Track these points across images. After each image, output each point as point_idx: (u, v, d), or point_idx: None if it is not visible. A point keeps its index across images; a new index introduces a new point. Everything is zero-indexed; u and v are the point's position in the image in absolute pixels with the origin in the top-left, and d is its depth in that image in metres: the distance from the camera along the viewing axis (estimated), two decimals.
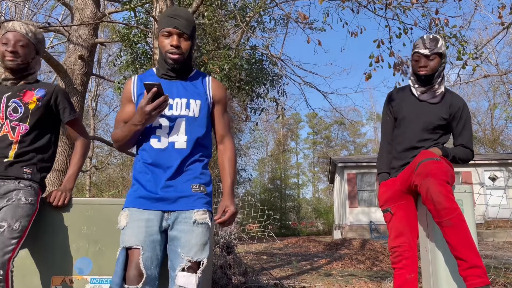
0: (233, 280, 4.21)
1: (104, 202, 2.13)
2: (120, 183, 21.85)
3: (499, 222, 14.11)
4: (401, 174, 2.36)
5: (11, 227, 1.79)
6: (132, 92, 1.82)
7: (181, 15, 1.72)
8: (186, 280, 1.57)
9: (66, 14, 12.02)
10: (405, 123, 2.42)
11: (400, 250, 2.27)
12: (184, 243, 1.61)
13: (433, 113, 2.36)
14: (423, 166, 2.06)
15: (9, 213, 1.82)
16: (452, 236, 1.86)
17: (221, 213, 1.72)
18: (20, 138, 1.97)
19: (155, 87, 1.59)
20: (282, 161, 36.15)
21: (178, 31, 1.71)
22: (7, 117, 1.98)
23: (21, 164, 1.96)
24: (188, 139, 1.73)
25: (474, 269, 1.80)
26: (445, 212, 1.86)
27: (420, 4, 5.75)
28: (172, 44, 1.71)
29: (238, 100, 10.17)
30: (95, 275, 2.01)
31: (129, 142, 1.77)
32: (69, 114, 2.10)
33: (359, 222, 16.88)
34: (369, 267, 8.27)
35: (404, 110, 2.43)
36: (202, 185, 1.73)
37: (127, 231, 1.64)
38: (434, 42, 2.29)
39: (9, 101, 2.00)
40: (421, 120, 2.37)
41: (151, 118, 1.65)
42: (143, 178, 1.72)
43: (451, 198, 1.89)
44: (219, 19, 8.17)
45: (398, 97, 2.50)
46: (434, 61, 2.30)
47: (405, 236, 2.27)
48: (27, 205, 1.88)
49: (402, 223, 2.30)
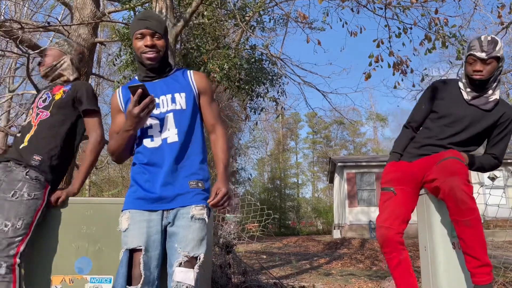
0: (233, 280, 4.22)
1: (103, 202, 2.13)
2: (120, 182, 21.84)
3: (499, 222, 14.12)
4: (419, 162, 2.27)
5: (15, 226, 1.85)
6: (119, 102, 1.84)
7: (152, 16, 1.77)
8: (184, 275, 1.57)
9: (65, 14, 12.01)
10: (446, 122, 2.26)
11: (390, 234, 2.15)
12: (181, 239, 1.62)
13: (481, 121, 2.21)
14: (449, 163, 2.03)
15: (12, 211, 1.86)
16: (469, 236, 1.92)
17: (214, 196, 1.68)
18: (38, 122, 2.09)
19: (140, 88, 1.61)
20: (281, 161, 36.16)
21: (151, 31, 1.74)
22: (38, 106, 2.16)
23: (32, 150, 2.02)
24: (179, 131, 1.74)
25: (484, 267, 1.91)
26: (467, 212, 1.91)
27: (419, 4, 5.75)
28: (147, 44, 1.73)
29: (238, 99, 10.17)
30: (94, 275, 2.01)
31: (125, 151, 1.77)
32: (86, 104, 2.16)
33: (358, 221, 16.88)
34: (369, 267, 8.28)
35: (450, 108, 2.26)
36: (200, 181, 1.74)
37: (129, 233, 1.64)
38: (493, 44, 2.09)
39: (43, 94, 2.23)
40: (465, 124, 2.22)
41: (141, 120, 1.66)
42: (140, 178, 1.73)
43: (474, 199, 1.93)
44: (219, 18, 8.16)
45: (446, 91, 2.32)
46: (491, 65, 2.10)
47: (398, 220, 2.18)
48: (30, 200, 1.92)
49: (400, 208, 2.22)
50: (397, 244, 2.14)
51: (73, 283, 1.99)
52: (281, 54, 10.00)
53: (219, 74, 7.17)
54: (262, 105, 9.51)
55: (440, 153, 2.21)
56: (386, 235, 2.14)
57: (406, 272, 2.15)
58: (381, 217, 2.21)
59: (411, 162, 2.30)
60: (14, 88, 12.91)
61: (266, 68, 9.14)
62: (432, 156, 2.23)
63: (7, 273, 1.76)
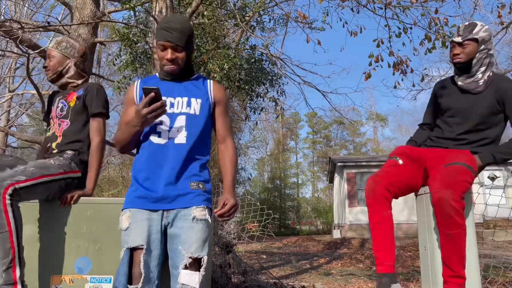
0: (233, 279, 4.22)
1: (103, 202, 2.13)
2: (120, 182, 21.84)
3: (498, 222, 14.11)
4: (431, 149, 2.29)
5: (26, 169, 1.98)
6: (134, 94, 1.86)
7: (175, 27, 1.73)
8: (189, 278, 1.58)
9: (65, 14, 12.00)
10: (448, 114, 2.30)
11: (377, 187, 2.15)
12: (184, 240, 1.62)
13: (478, 104, 2.20)
14: (453, 171, 2.02)
15: (33, 163, 2.05)
16: (449, 248, 1.98)
17: (221, 206, 1.73)
18: (62, 132, 2.23)
19: (153, 92, 1.61)
20: (281, 161, 36.15)
21: (172, 44, 1.74)
22: (57, 116, 2.28)
23: (63, 148, 2.20)
24: (188, 135, 1.75)
25: (458, 278, 1.99)
26: (452, 226, 1.94)
27: (419, 4, 5.75)
28: (167, 58, 1.75)
29: (238, 99, 10.17)
30: (94, 275, 2.01)
31: (130, 144, 1.79)
32: (93, 108, 2.25)
33: (358, 221, 16.88)
34: (369, 267, 8.28)
35: (449, 102, 2.32)
36: (200, 182, 1.75)
37: (130, 231, 1.64)
38: (470, 28, 2.17)
39: (59, 102, 2.31)
40: (465, 114, 2.23)
41: (147, 121, 1.67)
42: (141, 177, 1.73)
43: (461, 214, 1.93)
44: (219, 18, 8.16)
45: (444, 89, 2.39)
46: (469, 47, 2.17)
47: (391, 180, 2.16)
48: (53, 165, 2.07)
49: (400, 175, 2.21)
50: (383, 198, 2.12)
51: (73, 283, 1.99)
52: (281, 54, 10.01)
53: (219, 74, 7.17)
54: (262, 105, 9.52)
55: (454, 151, 2.20)
56: (373, 186, 2.15)
57: (387, 232, 2.10)
58: (375, 173, 2.23)
59: (424, 148, 2.35)
60: (14, 88, 12.91)
61: (266, 68, 9.14)
62: (447, 151, 2.23)
63: None
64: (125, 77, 8.09)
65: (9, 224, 1.84)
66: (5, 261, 1.81)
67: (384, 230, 2.12)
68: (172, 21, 1.75)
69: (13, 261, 1.82)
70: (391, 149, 36.60)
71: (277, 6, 7.92)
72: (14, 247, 1.84)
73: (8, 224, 1.84)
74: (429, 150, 2.32)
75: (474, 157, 2.16)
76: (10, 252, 1.82)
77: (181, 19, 1.79)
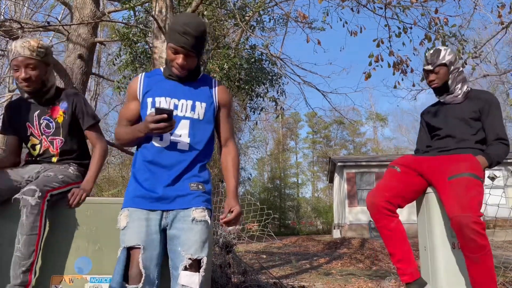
0: (233, 279, 4.22)
1: (103, 202, 2.13)
2: (120, 182, 21.83)
3: (498, 221, 14.12)
4: (430, 158, 2.31)
5: (56, 175, 2.07)
6: (138, 90, 1.82)
7: (191, 32, 1.65)
8: (189, 279, 1.57)
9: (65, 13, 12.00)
10: (438, 122, 2.42)
11: (375, 200, 2.18)
12: (184, 241, 1.62)
13: (461, 110, 2.36)
14: (460, 189, 1.99)
15: (56, 169, 2.14)
16: (478, 272, 1.93)
17: (227, 213, 1.73)
18: (59, 150, 2.23)
19: (166, 114, 1.60)
20: (281, 161, 36.15)
21: (185, 51, 1.69)
22: (42, 134, 2.21)
23: (68, 161, 2.25)
24: (191, 141, 1.74)
25: None
26: (476, 249, 1.90)
27: (419, 4, 5.74)
28: (178, 62, 1.71)
29: (238, 99, 10.17)
30: (94, 275, 2.01)
31: (131, 143, 1.80)
32: (86, 121, 2.27)
33: (358, 221, 16.88)
34: (369, 266, 8.28)
35: (435, 114, 2.48)
36: (200, 183, 1.74)
37: (127, 231, 1.64)
38: (436, 55, 2.35)
39: (40, 118, 2.21)
40: (452, 116, 2.37)
41: (152, 133, 1.68)
42: (141, 176, 1.73)
43: (484, 235, 1.91)
44: (219, 18, 8.16)
45: (428, 112, 2.57)
46: (440, 72, 2.35)
47: (390, 192, 2.19)
48: (72, 174, 2.17)
49: (398, 183, 2.24)
50: (385, 210, 2.16)
51: (73, 283, 1.99)
52: (281, 54, 9.99)
53: (219, 74, 7.17)
54: (262, 105, 9.52)
55: (454, 156, 2.22)
56: (372, 202, 2.21)
57: (401, 240, 2.15)
58: (375, 186, 2.29)
59: (423, 156, 2.38)
60: (13, 88, 12.91)
61: (266, 68, 9.14)
62: (447, 157, 2.24)
63: (37, 204, 1.88)
64: (125, 77, 8.08)
65: (40, 227, 1.90)
66: (26, 262, 1.84)
67: (397, 240, 2.16)
68: (188, 24, 1.65)
69: (32, 265, 1.86)
70: (391, 149, 36.68)
71: (277, 6, 7.91)
72: (37, 251, 1.88)
73: (40, 227, 1.89)
74: (428, 158, 2.33)
75: (476, 159, 2.15)
76: (32, 255, 1.86)
77: (198, 23, 1.69)
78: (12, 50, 2.07)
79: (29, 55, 2.06)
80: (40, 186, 1.92)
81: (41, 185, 1.92)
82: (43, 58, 2.12)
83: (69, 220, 2.05)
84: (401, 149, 35.51)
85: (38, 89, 2.16)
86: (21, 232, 1.85)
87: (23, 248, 1.83)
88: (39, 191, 1.89)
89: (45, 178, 2.00)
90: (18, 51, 2.05)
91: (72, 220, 2.06)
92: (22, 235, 1.84)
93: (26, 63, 2.07)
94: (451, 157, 2.25)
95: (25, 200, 1.86)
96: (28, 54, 2.06)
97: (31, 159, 2.25)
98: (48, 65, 2.19)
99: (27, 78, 2.08)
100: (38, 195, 1.88)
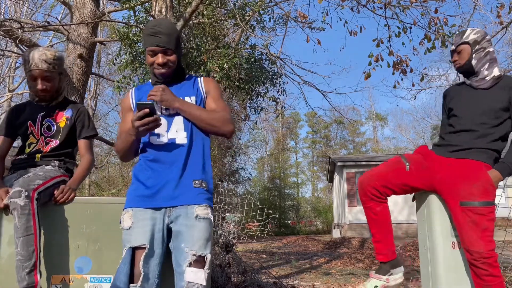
0: (233, 279, 4.22)
1: (103, 201, 2.14)
2: (120, 182, 21.85)
3: (498, 221, 14.14)
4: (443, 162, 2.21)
5: (36, 173, 2.07)
6: (131, 101, 1.89)
7: (162, 30, 1.73)
8: (195, 275, 1.58)
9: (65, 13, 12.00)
10: (459, 109, 2.29)
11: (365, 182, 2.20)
12: (187, 238, 1.63)
13: (488, 97, 2.20)
14: (471, 222, 1.99)
15: (37, 169, 2.15)
16: None
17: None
18: (49, 149, 2.25)
19: (147, 108, 1.62)
20: (281, 160, 36.16)
21: (162, 49, 1.74)
22: (42, 134, 2.27)
23: (49, 159, 2.24)
24: (188, 134, 1.77)
25: None
26: (489, 279, 1.95)
27: (419, 3, 5.74)
28: (158, 62, 1.76)
29: (238, 99, 10.17)
30: (94, 274, 2.01)
31: (130, 151, 1.81)
32: (84, 131, 2.34)
33: (358, 221, 16.89)
34: (368, 266, 8.29)
35: (457, 99, 2.33)
36: (204, 181, 1.75)
37: (133, 231, 1.65)
38: (460, 35, 2.27)
39: (43, 120, 2.28)
40: (475, 104, 2.22)
41: (140, 133, 1.68)
42: (143, 175, 1.74)
43: (496, 267, 1.97)
44: (219, 18, 8.16)
45: (452, 91, 2.43)
46: (463, 51, 2.24)
47: (385, 181, 2.18)
48: (51, 169, 2.16)
49: (399, 179, 2.20)
50: (371, 195, 2.19)
51: (73, 282, 1.99)
52: (281, 54, 10.00)
53: (219, 73, 7.17)
54: (262, 104, 9.51)
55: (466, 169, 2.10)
56: (361, 183, 2.24)
57: (383, 223, 2.21)
58: (371, 169, 2.29)
59: (438, 156, 2.27)
60: (14, 87, 12.91)
61: (266, 68, 9.13)
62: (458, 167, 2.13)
63: (26, 204, 1.88)
64: (125, 77, 8.08)
65: (35, 227, 1.89)
66: (28, 264, 1.83)
67: (380, 223, 2.22)
68: (157, 25, 1.75)
69: (35, 264, 1.85)
70: (391, 148, 36.65)
71: (277, 6, 7.91)
72: (37, 250, 1.87)
73: (34, 227, 1.89)
74: (440, 159, 2.24)
75: (489, 178, 2.06)
76: (33, 255, 1.85)
77: (166, 22, 1.79)
78: (29, 61, 2.13)
79: (46, 68, 2.15)
80: (24, 186, 1.92)
81: (25, 185, 1.92)
82: (59, 68, 2.23)
83: (69, 220, 2.06)
84: (401, 148, 35.51)
85: (51, 97, 2.29)
86: (17, 235, 1.84)
87: (22, 250, 1.83)
88: (24, 191, 1.89)
89: (26, 179, 2.00)
90: (36, 63, 2.12)
91: (72, 220, 2.06)
92: (18, 238, 1.84)
93: (44, 76, 2.17)
94: (462, 168, 2.12)
95: (14, 203, 1.86)
96: (45, 68, 2.15)
97: (20, 156, 2.26)
98: (62, 73, 2.29)
99: (44, 89, 2.19)
100: (25, 195, 1.88)
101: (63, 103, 2.36)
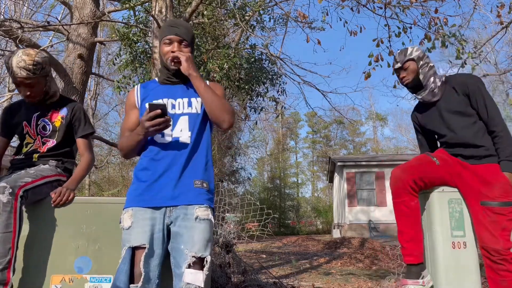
0: (233, 279, 4.22)
1: (103, 201, 2.13)
2: (120, 182, 21.86)
3: None
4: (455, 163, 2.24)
5: (27, 171, 2.08)
6: (135, 99, 1.88)
7: (181, 24, 1.84)
8: (194, 277, 1.58)
9: (65, 13, 12.00)
10: (437, 128, 2.35)
11: (403, 176, 2.18)
12: (187, 239, 1.63)
13: (450, 104, 2.27)
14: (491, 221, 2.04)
15: (31, 168, 2.14)
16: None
17: None
18: (46, 150, 2.25)
19: (160, 109, 1.63)
20: (281, 160, 36.16)
21: (179, 38, 1.81)
22: (38, 134, 2.26)
23: (47, 159, 2.24)
24: (192, 134, 1.78)
25: None
26: (504, 273, 2.00)
27: (419, 3, 5.74)
28: (174, 50, 1.79)
29: (238, 99, 10.17)
30: (94, 274, 2.01)
31: (134, 150, 1.81)
32: (82, 130, 2.33)
33: (358, 221, 16.90)
34: (368, 266, 8.29)
35: (428, 120, 2.40)
36: (205, 181, 1.76)
37: (133, 231, 1.65)
38: (403, 53, 2.35)
39: (38, 120, 2.27)
40: (447, 116, 2.27)
41: (149, 133, 1.69)
42: (144, 175, 1.74)
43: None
44: (219, 18, 8.16)
45: (419, 116, 2.48)
46: (409, 68, 2.32)
47: (424, 181, 2.18)
48: (46, 168, 2.16)
49: (433, 173, 2.20)
50: (409, 187, 2.16)
51: (72, 282, 1.99)
52: (281, 54, 9.99)
53: (218, 73, 7.18)
54: (262, 104, 9.52)
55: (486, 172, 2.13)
56: (399, 175, 2.19)
57: (416, 220, 2.17)
58: (403, 164, 2.26)
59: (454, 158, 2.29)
60: (13, 87, 12.91)
61: (266, 68, 9.14)
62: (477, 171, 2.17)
63: (9, 201, 1.87)
64: (125, 77, 8.08)
65: (15, 225, 1.89)
66: (3, 260, 1.83)
67: (412, 219, 2.17)
68: (176, 21, 1.86)
69: (10, 262, 1.85)
70: (391, 148, 36.66)
71: (277, 6, 7.91)
72: (14, 248, 1.87)
73: (14, 225, 1.88)
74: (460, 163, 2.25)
75: (508, 180, 2.09)
76: (9, 253, 1.85)
77: (185, 22, 1.86)
78: (9, 68, 2.07)
79: (26, 75, 2.08)
80: (10, 183, 1.91)
81: (11, 182, 1.92)
82: (40, 72, 2.13)
83: (69, 220, 2.06)
84: (401, 148, 35.54)
85: (42, 99, 2.26)
86: None
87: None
88: (9, 187, 1.88)
89: (16, 176, 2.00)
90: (14, 71, 2.06)
91: (72, 220, 2.06)
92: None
93: (25, 83, 2.12)
94: (481, 172, 2.15)
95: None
96: (25, 75, 2.08)
97: (18, 156, 2.26)
98: (47, 75, 2.22)
99: (29, 95, 2.16)
100: (8, 192, 1.87)
101: (59, 102, 2.34)
